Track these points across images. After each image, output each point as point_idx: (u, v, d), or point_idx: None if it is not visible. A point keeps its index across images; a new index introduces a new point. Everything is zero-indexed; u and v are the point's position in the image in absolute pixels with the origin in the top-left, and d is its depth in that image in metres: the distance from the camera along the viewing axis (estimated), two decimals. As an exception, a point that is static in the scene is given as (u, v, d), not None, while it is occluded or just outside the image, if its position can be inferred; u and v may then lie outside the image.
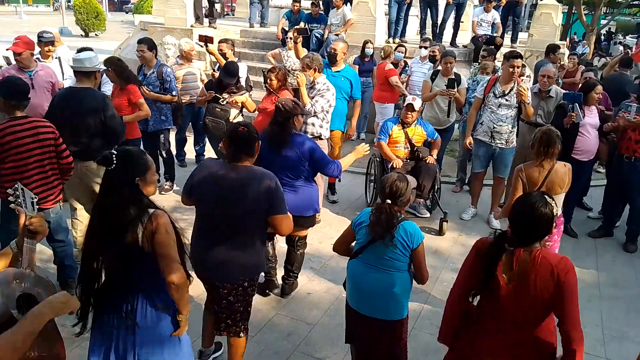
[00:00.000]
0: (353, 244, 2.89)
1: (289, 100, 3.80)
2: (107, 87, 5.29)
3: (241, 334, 2.92)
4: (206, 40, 6.30)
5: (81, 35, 22.38)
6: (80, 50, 5.38)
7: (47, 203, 3.54)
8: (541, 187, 3.48)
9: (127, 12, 38.81)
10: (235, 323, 2.87)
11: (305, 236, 4.00)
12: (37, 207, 2.00)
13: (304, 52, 5.91)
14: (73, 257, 3.92)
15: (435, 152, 5.36)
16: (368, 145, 3.93)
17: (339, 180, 5.72)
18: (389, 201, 2.64)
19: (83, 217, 4.12)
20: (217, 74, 6.05)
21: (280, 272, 4.10)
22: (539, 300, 2.09)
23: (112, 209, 2.15)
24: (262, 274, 3.82)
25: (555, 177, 3.53)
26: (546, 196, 2.15)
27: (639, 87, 5.24)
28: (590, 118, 5.04)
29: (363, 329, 2.79)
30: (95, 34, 22.78)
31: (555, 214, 2.12)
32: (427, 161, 5.21)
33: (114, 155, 2.13)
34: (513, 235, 2.14)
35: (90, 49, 5.25)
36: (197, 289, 3.73)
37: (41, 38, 5.71)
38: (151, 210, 2.17)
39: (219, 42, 6.46)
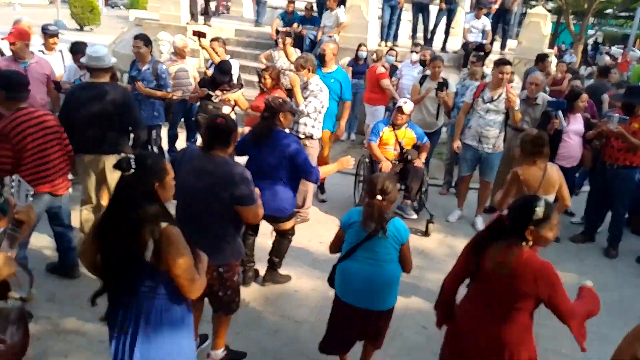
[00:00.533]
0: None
1: (277, 97, 3.90)
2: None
3: (220, 312, 3.05)
4: (200, 35, 6.32)
5: (76, 29, 22.21)
6: (75, 45, 5.40)
7: (62, 189, 3.66)
8: (539, 187, 3.59)
9: (112, 7, 38.55)
10: (218, 299, 2.98)
11: (290, 228, 4.05)
12: (31, 199, 2.04)
13: (293, 53, 5.97)
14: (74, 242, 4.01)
15: (423, 156, 5.44)
16: (353, 159, 3.97)
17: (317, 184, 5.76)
18: (379, 197, 2.77)
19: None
20: (209, 72, 6.08)
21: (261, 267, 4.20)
22: (519, 294, 2.21)
23: (124, 221, 2.06)
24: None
25: (550, 177, 3.65)
26: (544, 201, 2.25)
27: (623, 96, 5.36)
28: (575, 125, 5.16)
29: (359, 321, 2.93)
30: (90, 28, 22.62)
31: (535, 218, 2.20)
32: (415, 164, 5.29)
33: (131, 160, 2.03)
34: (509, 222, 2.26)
35: (85, 44, 5.27)
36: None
37: (46, 30, 5.71)
38: (163, 225, 2.07)
39: (211, 41, 6.49)
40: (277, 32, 9.30)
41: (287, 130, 3.93)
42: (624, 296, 4.54)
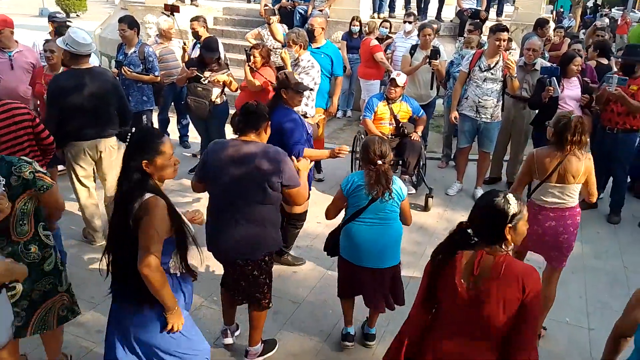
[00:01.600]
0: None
1: (282, 72, 3.85)
2: None
3: (270, 304, 3.00)
4: (172, 9, 6.11)
5: (51, 12, 21.76)
6: (59, 29, 5.23)
7: None
8: (552, 174, 3.19)
9: None
10: (263, 295, 2.94)
11: (301, 213, 3.95)
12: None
13: (280, 32, 5.83)
14: (62, 242, 3.89)
15: (420, 129, 5.34)
16: (347, 148, 3.85)
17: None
18: (379, 162, 2.87)
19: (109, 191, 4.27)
20: (188, 49, 5.93)
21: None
22: (500, 312, 1.89)
23: (118, 190, 2.20)
24: None
25: (569, 165, 3.16)
26: (511, 195, 1.94)
27: (622, 55, 5.24)
28: (570, 90, 5.00)
29: (370, 280, 3.06)
30: (77, 15, 22.21)
31: (510, 214, 1.90)
32: (412, 138, 5.18)
33: (129, 133, 2.21)
34: (472, 229, 1.97)
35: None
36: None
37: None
38: (146, 196, 2.12)
39: (191, 20, 6.27)
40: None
41: (297, 109, 3.84)
42: (626, 263, 4.49)
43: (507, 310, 1.88)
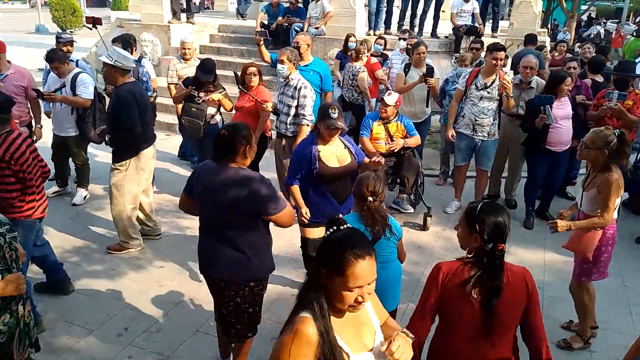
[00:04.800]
0: None
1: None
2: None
3: (249, 335, 2.97)
4: (94, 22, 6.07)
5: (58, 32, 21.86)
6: (51, 53, 5.22)
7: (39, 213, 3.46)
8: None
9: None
10: (243, 326, 2.89)
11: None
12: None
13: (268, 53, 5.85)
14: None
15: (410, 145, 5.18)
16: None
17: None
18: (370, 199, 2.77)
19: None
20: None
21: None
22: (510, 314, 2.05)
23: None
24: None
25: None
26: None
27: (616, 70, 5.27)
28: (561, 110, 5.01)
29: None
30: (71, 31, 22.30)
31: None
32: (393, 148, 5.06)
33: None
34: (486, 247, 2.02)
35: (60, 50, 5.11)
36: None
37: (59, 39, 5.69)
38: None
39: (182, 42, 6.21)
40: (262, 25, 9.12)
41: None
42: (626, 282, 4.46)
43: (518, 309, 2.04)
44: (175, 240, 4.84)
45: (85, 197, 5.52)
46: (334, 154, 3.49)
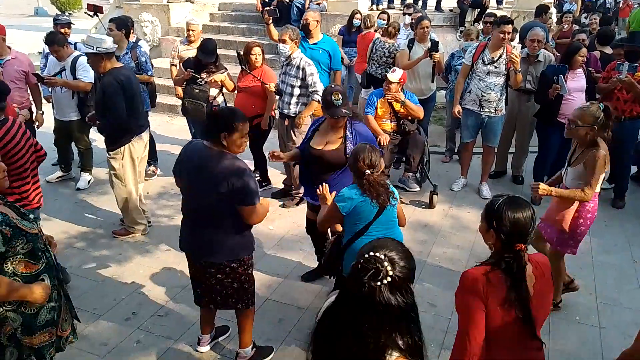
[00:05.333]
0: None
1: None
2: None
3: (239, 306, 2.97)
4: (95, 9, 5.95)
5: (56, 14, 21.61)
6: (50, 35, 5.13)
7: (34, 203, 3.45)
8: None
9: None
10: (237, 299, 2.93)
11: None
12: None
13: (276, 32, 5.72)
14: None
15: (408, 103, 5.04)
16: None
17: None
18: (368, 172, 2.73)
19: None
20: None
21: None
22: (545, 309, 2.02)
23: None
24: None
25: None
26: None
27: (627, 41, 5.15)
28: (575, 82, 4.91)
29: None
30: (70, 14, 22.02)
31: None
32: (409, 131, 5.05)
33: None
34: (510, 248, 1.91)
35: (59, 33, 5.03)
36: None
37: (57, 21, 5.59)
38: None
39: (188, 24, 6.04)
40: (263, 3, 8.95)
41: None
42: (635, 257, 4.42)
43: (549, 299, 2.02)
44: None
45: (89, 182, 5.51)
46: (326, 138, 3.50)
